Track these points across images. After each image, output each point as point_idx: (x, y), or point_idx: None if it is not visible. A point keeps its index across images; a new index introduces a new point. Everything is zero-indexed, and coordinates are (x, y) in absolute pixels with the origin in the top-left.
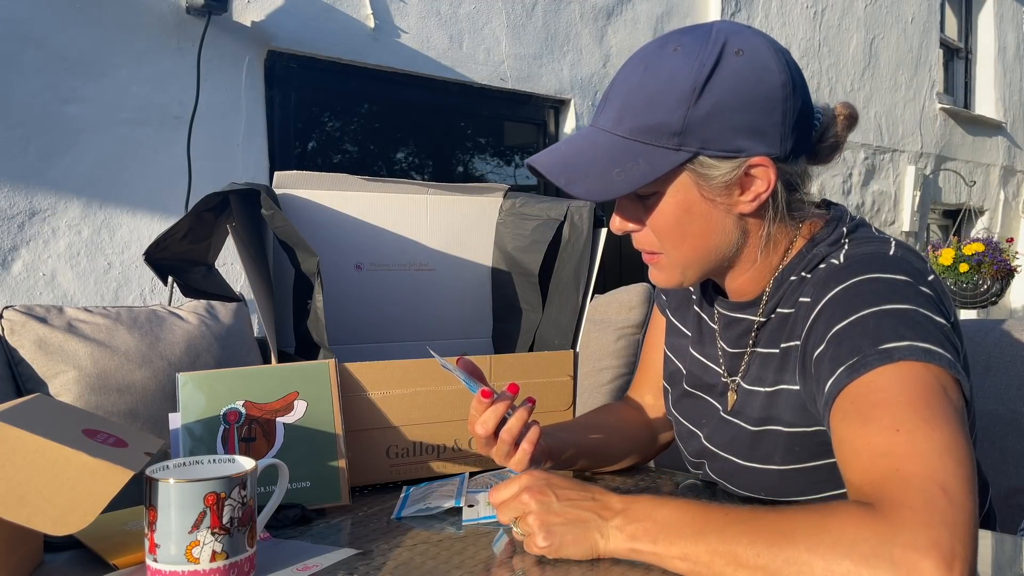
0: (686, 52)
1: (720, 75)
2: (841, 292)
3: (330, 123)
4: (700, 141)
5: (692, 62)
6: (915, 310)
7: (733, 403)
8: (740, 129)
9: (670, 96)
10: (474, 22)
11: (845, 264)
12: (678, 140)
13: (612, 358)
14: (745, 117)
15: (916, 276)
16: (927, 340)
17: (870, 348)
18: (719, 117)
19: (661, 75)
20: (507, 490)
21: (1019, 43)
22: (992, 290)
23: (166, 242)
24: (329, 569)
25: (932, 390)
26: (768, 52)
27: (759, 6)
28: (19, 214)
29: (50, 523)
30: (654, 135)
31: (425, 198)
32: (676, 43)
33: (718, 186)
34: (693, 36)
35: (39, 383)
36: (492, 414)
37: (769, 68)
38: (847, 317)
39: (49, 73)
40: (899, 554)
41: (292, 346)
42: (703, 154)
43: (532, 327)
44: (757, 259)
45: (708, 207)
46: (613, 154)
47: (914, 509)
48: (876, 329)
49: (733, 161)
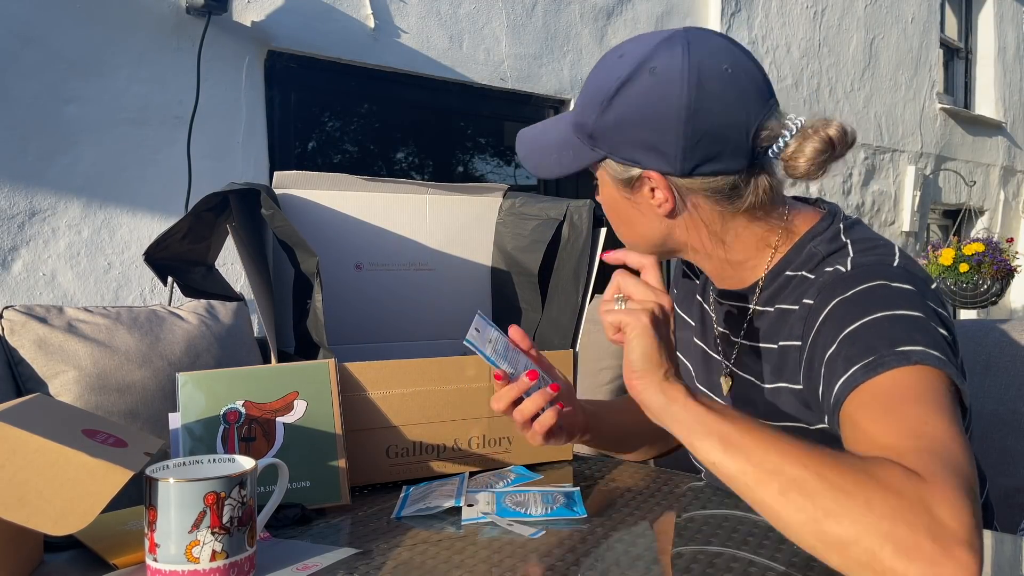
0: (621, 60)
1: (627, 91)
2: (851, 296)
3: (330, 123)
4: (608, 146)
5: (617, 72)
6: (924, 318)
7: (729, 388)
8: (637, 143)
9: (594, 100)
10: (474, 22)
11: (852, 272)
12: (592, 141)
13: (612, 358)
14: (641, 133)
15: (921, 287)
16: (936, 348)
17: (887, 349)
18: (620, 129)
19: (599, 78)
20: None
21: (1019, 43)
22: (992, 290)
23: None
24: (329, 569)
25: (943, 398)
26: (680, 75)
27: (759, 6)
28: (19, 214)
29: (50, 523)
30: (580, 131)
31: (425, 198)
32: (624, 49)
33: (625, 188)
34: (637, 44)
35: (39, 383)
36: (506, 393)
37: (672, 92)
38: (860, 319)
39: (49, 73)
40: (937, 508)
41: (292, 346)
42: (609, 158)
43: (532, 327)
44: (711, 251)
45: (628, 204)
46: (559, 140)
47: (946, 476)
48: (890, 331)
49: (632, 170)
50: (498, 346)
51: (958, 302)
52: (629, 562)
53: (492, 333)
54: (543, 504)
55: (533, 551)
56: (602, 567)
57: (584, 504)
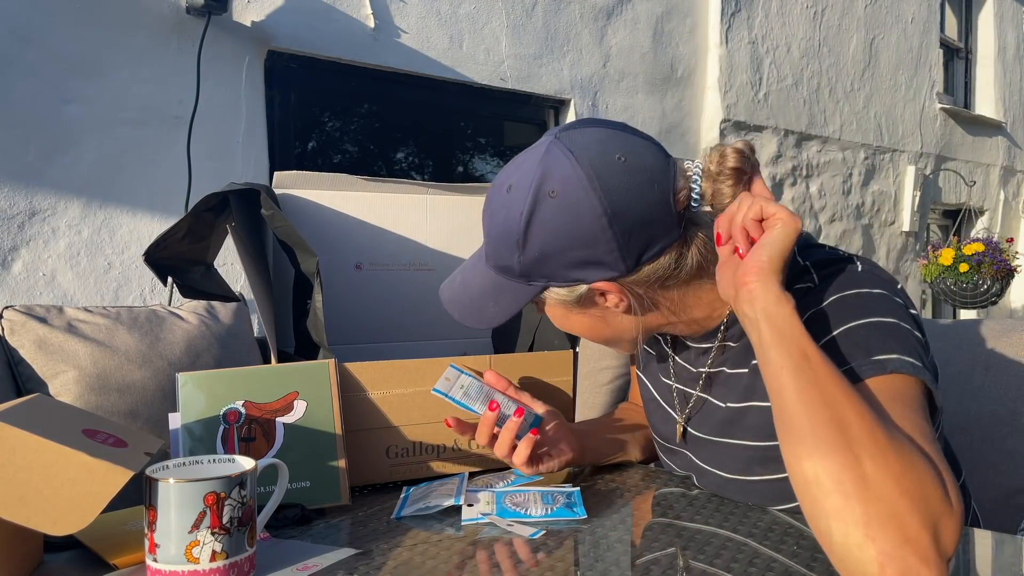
0: (514, 194)
1: (537, 222)
2: (824, 309)
3: (330, 123)
4: (543, 278)
5: (516, 209)
6: (897, 323)
7: (680, 435)
8: (570, 265)
9: (506, 242)
10: (474, 22)
11: (821, 286)
12: (525, 279)
13: (612, 358)
14: (570, 255)
15: (889, 288)
16: (911, 354)
17: (863, 358)
18: (548, 259)
19: (497, 221)
20: (771, 207)
21: (1019, 43)
22: (992, 290)
23: (166, 242)
24: (329, 569)
25: (918, 402)
26: (582, 187)
27: (759, 6)
28: (19, 214)
29: (50, 523)
30: (508, 273)
31: (425, 198)
32: (510, 180)
33: (577, 306)
34: (521, 172)
35: (39, 383)
36: (481, 430)
37: (583, 207)
38: (835, 330)
39: (49, 73)
40: (943, 526)
41: (292, 346)
42: (551, 286)
43: (532, 327)
44: (679, 320)
45: (583, 317)
46: (486, 287)
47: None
48: (866, 340)
49: (578, 288)
50: (470, 391)
51: (958, 302)
52: (629, 562)
53: (464, 379)
54: (543, 504)
55: (533, 551)
56: (602, 567)
57: (584, 504)
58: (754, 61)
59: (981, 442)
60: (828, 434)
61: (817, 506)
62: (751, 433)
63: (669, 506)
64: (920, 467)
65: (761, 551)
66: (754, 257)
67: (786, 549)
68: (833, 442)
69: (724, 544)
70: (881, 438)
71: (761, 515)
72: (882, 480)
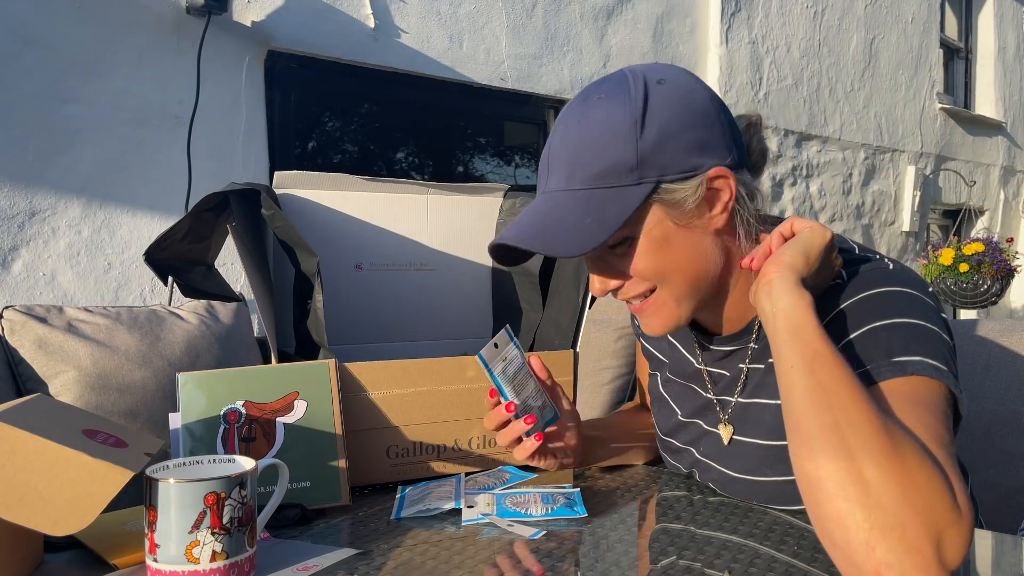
0: (611, 97)
1: (654, 104)
2: (850, 307)
3: (330, 123)
4: (658, 169)
5: (623, 101)
6: (923, 324)
7: (730, 437)
8: (690, 148)
9: (615, 137)
10: (474, 22)
11: (849, 283)
12: (637, 174)
13: (612, 358)
14: (690, 136)
15: (920, 288)
16: (935, 357)
17: (883, 359)
18: (667, 142)
19: (598, 122)
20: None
21: (1019, 43)
22: (992, 290)
23: (166, 242)
24: (329, 569)
25: (939, 407)
26: (686, 76)
27: (759, 6)
28: (19, 214)
29: (50, 523)
30: (613, 177)
31: (425, 198)
32: (597, 93)
33: (689, 209)
34: (611, 83)
35: (39, 383)
36: (493, 417)
37: (694, 88)
38: (859, 329)
39: (49, 73)
40: (947, 535)
41: (292, 346)
42: (664, 181)
43: (532, 327)
44: (729, 285)
45: (685, 233)
46: (579, 207)
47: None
48: (888, 341)
49: (694, 180)
50: (509, 367)
51: (958, 302)
52: (629, 562)
53: (512, 351)
54: (543, 504)
55: (533, 551)
56: (602, 567)
57: (584, 504)
58: (754, 61)
59: (981, 442)
60: (833, 437)
61: (820, 509)
62: (763, 431)
63: (670, 506)
64: (928, 474)
65: (761, 551)
66: (779, 254)
67: (787, 549)
68: (837, 445)
69: (724, 544)
70: (887, 443)
71: (761, 515)
72: (885, 487)
